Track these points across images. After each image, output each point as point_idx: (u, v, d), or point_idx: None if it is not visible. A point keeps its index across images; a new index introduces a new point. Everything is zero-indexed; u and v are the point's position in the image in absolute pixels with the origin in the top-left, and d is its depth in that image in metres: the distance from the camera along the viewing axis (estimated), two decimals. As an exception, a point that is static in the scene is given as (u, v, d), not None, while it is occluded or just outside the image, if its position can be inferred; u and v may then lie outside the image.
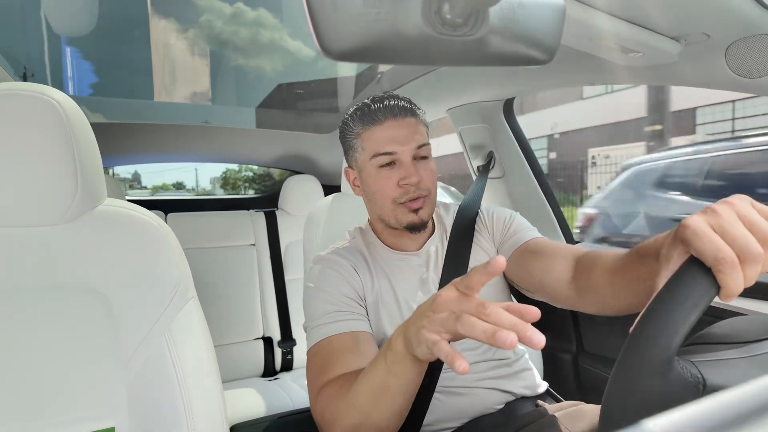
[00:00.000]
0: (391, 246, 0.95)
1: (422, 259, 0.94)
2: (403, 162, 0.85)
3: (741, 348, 0.48)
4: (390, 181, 0.86)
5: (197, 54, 2.26)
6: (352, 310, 0.83)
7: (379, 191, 0.87)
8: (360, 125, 0.88)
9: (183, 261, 0.78)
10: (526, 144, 1.56)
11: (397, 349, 0.59)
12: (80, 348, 0.69)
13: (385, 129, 0.85)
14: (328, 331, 0.79)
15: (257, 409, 1.52)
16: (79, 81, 2.00)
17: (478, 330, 0.47)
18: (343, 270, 0.88)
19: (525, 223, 0.97)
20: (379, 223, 0.94)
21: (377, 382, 0.62)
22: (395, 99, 0.88)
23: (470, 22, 0.39)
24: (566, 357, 1.43)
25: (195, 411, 0.72)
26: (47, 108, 0.67)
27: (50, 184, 0.68)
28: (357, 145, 0.89)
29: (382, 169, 0.86)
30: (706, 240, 0.43)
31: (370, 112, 0.86)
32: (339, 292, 0.85)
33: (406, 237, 0.93)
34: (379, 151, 0.85)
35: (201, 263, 1.84)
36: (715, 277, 0.42)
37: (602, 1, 0.76)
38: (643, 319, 0.42)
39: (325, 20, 0.35)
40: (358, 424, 0.65)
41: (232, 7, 2.29)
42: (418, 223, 0.87)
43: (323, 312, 0.82)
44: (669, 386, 0.40)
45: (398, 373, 0.60)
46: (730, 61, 0.83)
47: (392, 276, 0.91)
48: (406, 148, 0.85)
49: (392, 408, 0.62)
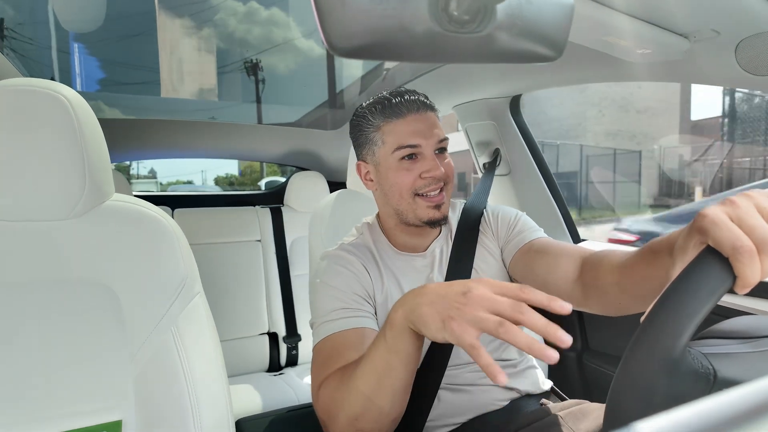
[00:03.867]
0: (397, 245, 0.94)
1: (428, 260, 0.93)
2: (425, 155, 0.86)
3: (752, 343, 0.48)
4: (412, 173, 0.85)
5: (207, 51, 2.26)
6: (359, 307, 0.83)
7: (398, 183, 0.86)
8: (381, 118, 0.87)
9: (190, 256, 0.79)
10: (532, 141, 1.55)
11: (396, 323, 0.59)
12: (87, 341, 0.70)
13: (408, 122, 0.85)
14: (334, 328, 0.79)
15: (262, 403, 1.53)
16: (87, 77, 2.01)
17: (521, 340, 0.47)
18: (352, 266, 0.88)
19: (530, 223, 0.96)
20: (392, 219, 0.93)
21: (378, 361, 0.62)
22: (414, 94, 0.88)
23: (477, 19, 0.39)
24: (571, 355, 1.43)
25: (201, 405, 0.72)
26: (56, 104, 0.67)
27: (59, 179, 0.69)
28: (376, 138, 0.88)
29: (403, 162, 0.86)
30: (724, 229, 0.43)
31: (392, 105, 0.86)
32: (347, 288, 0.84)
33: (417, 235, 0.93)
34: (403, 144, 0.85)
35: (207, 259, 1.85)
36: (732, 267, 0.42)
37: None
38: (655, 307, 0.42)
39: (332, 17, 0.35)
40: (361, 412, 0.64)
41: (245, 6, 2.29)
42: (439, 218, 0.87)
43: (330, 308, 0.82)
44: (679, 377, 0.40)
45: (398, 349, 0.59)
46: (740, 58, 0.82)
47: (399, 276, 0.90)
48: (429, 142, 0.85)
49: (395, 388, 0.62)
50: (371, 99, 0.91)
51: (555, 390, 0.99)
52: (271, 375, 1.83)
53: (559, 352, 0.48)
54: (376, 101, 0.89)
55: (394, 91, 0.89)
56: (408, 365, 0.61)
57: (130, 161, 11.97)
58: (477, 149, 1.67)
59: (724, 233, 0.42)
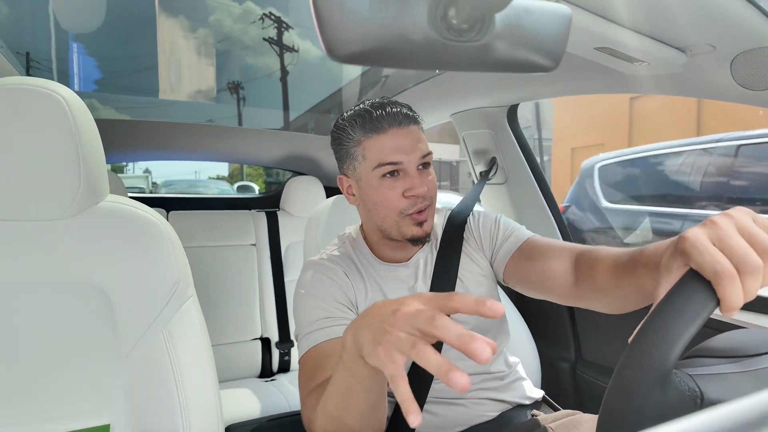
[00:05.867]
0: (380, 256, 0.92)
1: (411, 270, 0.91)
2: (408, 172, 0.82)
3: (739, 362, 0.48)
4: (394, 192, 0.82)
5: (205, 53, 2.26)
6: (343, 315, 0.81)
7: (382, 202, 0.83)
8: (361, 132, 0.82)
9: (183, 259, 0.78)
10: (528, 150, 1.56)
11: (348, 348, 0.54)
12: (77, 343, 0.69)
13: (389, 138, 0.81)
14: (318, 338, 0.77)
15: (253, 409, 1.51)
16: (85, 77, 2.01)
17: (431, 363, 0.41)
18: (335, 276, 0.86)
19: (512, 224, 0.94)
20: (375, 234, 0.90)
21: (340, 383, 0.59)
22: (397, 106, 0.84)
23: (476, 28, 0.39)
24: (565, 365, 1.43)
25: (191, 410, 0.72)
26: (52, 103, 0.67)
27: (53, 178, 0.68)
28: (357, 153, 0.84)
29: (384, 180, 0.82)
30: (705, 253, 0.43)
31: (372, 119, 0.81)
32: (330, 297, 0.83)
33: (400, 249, 0.91)
34: (384, 161, 0.81)
35: (201, 262, 1.84)
36: (715, 290, 0.42)
37: (608, 9, 0.76)
38: (641, 330, 0.42)
39: (332, 23, 0.35)
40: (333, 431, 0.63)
41: (241, 6, 2.29)
42: (422, 236, 0.84)
43: (314, 318, 0.80)
44: (666, 399, 0.40)
45: (355, 373, 0.55)
46: (736, 73, 0.83)
47: (383, 285, 0.89)
48: (411, 158, 0.81)
49: (361, 408, 0.59)
50: (352, 110, 0.86)
51: (547, 400, 0.99)
52: (262, 381, 1.81)
53: (552, 363, 0.48)
54: (356, 114, 0.84)
55: (375, 103, 0.84)
56: (369, 387, 0.57)
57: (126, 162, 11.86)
58: (474, 157, 1.68)
59: (705, 257, 0.42)
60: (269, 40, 4.14)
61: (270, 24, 4.24)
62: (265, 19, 3.71)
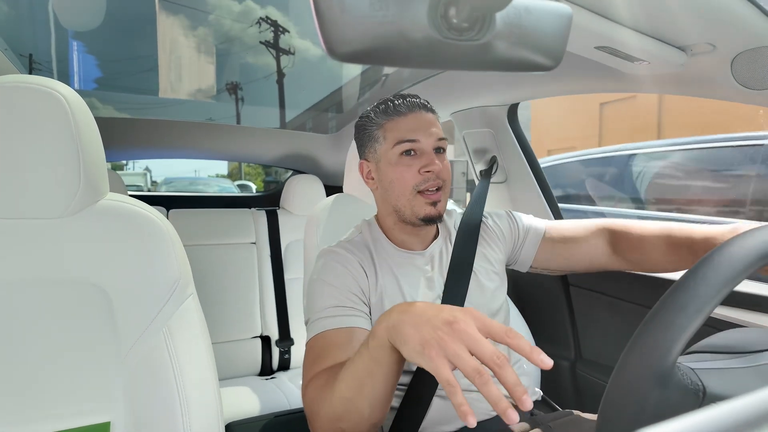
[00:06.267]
0: (396, 243, 0.95)
1: (426, 259, 0.95)
2: (424, 151, 0.88)
3: (741, 358, 0.48)
4: (411, 169, 0.88)
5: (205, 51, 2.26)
6: (353, 305, 0.84)
7: (398, 179, 0.89)
8: (383, 117, 0.91)
9: (183, 257, 0.78)
10: (528, 149, 1.56)
11: (378, 336, 0.59)
12: (77, 342, 0.69)
13: (408, 120, 0.89)
14: (326, 325, 0.80)
15: (253, 407, 1.52)
16: (85, 75, 2.01)
17: (492, 396, 0.48)
18: (349, 264, 0.89)
19: (525, 216, 1.06)
20: (390, 217, 0.94)
21: (361, 368, 0.62)
22: (416, 97, 0.93)
23: (476, 27, 0.39)
24: (564, 364, 1.43)
25: (191, 408, 0.72)
26: (53, 102, 0.67)
27: (53, 177, 0.68)
28: (378, 135, 0.91)
29: (403, 157, 0.88)
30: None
31: (394, 105, 0.91)
32: (342, 286, 0.85)
33: (414, 234, 0.95)
34: (402, 139, 0.88)
35: (201, 260, 1.84)
36: None
37: (609, 8, 0.76)
38: (643, 326, 0.42)
39: (332, 21, 0.35)
40: (341, 413, 0.65)
41: (241, 5, 2.29)
42: (435, 216, 0.89)
43: (324, 306, 0.83)
44: (669, 393, 0.40)
45: (379, 360, 0.60)
46: (736, 72, 0.83)
47: (397, 272, 0.91)
48: (428, 139, 0.88)
49: (375, 394, 0.62)
50: (375, 103, 0.96)
51: (546, 399, 0.99)
52: (262, 379, 1.81)
53: (552, 361, 0.48)
54: (379, 103, 0.94)
55: (396, 94, 0.93)
56: (388, 376, 0.61)
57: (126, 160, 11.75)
58: (474, 156, 1.68)
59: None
60: (266, 43, 4.12)
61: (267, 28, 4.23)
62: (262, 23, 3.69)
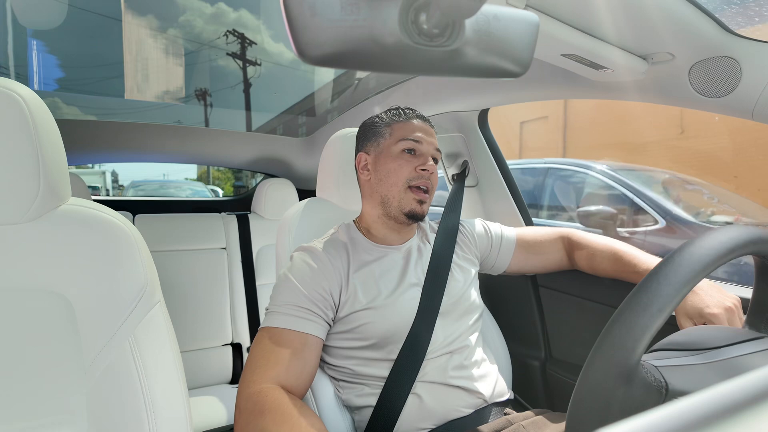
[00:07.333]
0: (375, 240, 1.01)
1: (402, 253, 1.01)
2: (423, 153, 0.99)
3: (702, 354, 0.50)
4: (409, 164, 0.98)
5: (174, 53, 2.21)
6: (314, 310, 0.87)
7: (396, 170, 0.98)
8: (393, 119, 1.03)
9: (150, 264, 0.76)
10: (499, 154, 1.59)
11: None
12: (38, 353, 0.66)
13: (414, 125, 1.01)
14: (283, 322, 0.84)
15: (223, 417, 1.48)
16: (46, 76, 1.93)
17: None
18: (321, 264, 0.91)
19: (496, 225, 1.19)
20: (375, 210, 1.02)
21: None
22: (422, 113, 1.06)
23: (446, 33, 0.39)
24: (535, 364, 1.45)
25: (158, 419, 0.70)
26: (10, 103, 0.64)
27: (11, 181, 0.66)
28: (385, 131, 1.02)
29: (404, 153, 0.99)
30: None
31: (404, 113, 1.04)
32: (308, 286, 0.88)
33: (396, 231, 1.02)
34: (407, 137, 0.99)
35: (169, 266, 1.79)
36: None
37: (574, 17, 0.78)
38: (608, 327, 0.43)
39: (303, 25, 0.35)
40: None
41: (213, 7, 2.25)
42: (419, 213, 0.98)
43: (286, 301, 0.87)
44: (633, 390, 0.41)
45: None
46: (693, 81, 0.87)
47: (372, 264, 0.96)
48: (428, 145, 1.00)
49: None
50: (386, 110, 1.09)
51: (518, 399, 1.01)
52: (233, 387, 1.78)
53: (523, 361, 0.49)
54: (391, 109, 1.07)
55: (405, 107, 1.07)
56: None
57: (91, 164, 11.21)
58: (446, 160, 1.69)
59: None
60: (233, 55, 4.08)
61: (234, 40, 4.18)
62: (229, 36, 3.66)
